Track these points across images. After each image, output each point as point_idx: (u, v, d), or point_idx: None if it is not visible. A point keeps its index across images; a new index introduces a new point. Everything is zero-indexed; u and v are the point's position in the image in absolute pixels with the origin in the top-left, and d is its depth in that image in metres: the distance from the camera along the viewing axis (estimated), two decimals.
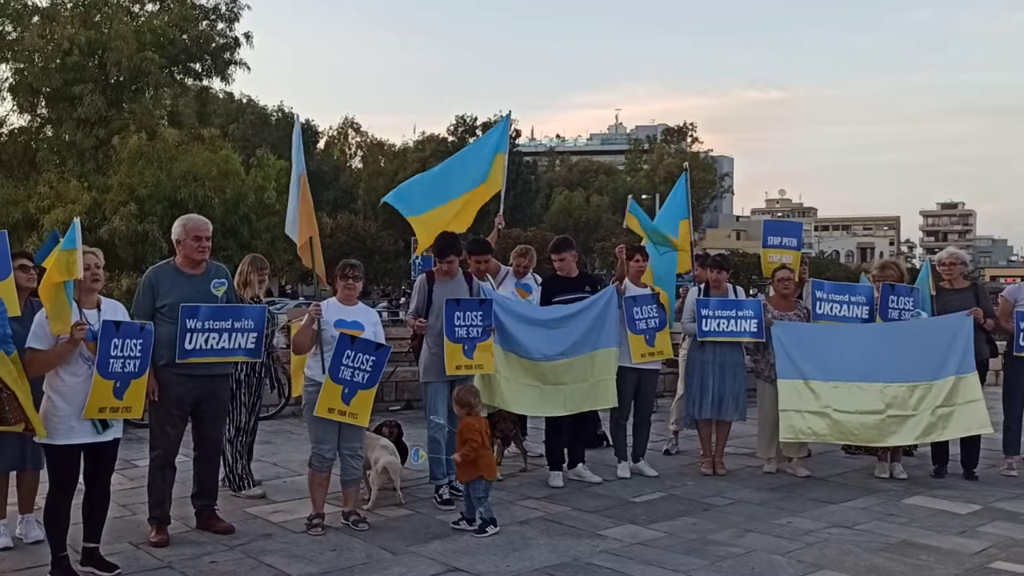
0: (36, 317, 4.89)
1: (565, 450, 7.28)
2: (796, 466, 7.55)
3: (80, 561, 4.96)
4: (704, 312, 7.43)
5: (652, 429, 7.77)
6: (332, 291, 6.18)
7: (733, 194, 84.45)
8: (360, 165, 62.96)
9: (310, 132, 56.81)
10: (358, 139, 65.16)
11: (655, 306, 7.45)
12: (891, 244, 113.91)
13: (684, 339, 8.10)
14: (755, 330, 7.46)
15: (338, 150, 62.58)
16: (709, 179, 69.40)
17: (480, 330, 6.52)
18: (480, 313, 6.53)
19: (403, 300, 45.36)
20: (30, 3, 28.40)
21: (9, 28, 28.29)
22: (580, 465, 7.32)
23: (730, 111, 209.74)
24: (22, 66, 26.89)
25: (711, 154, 75.44)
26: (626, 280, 7.43)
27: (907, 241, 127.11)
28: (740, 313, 7.47)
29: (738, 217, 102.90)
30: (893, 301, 7.47)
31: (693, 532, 5.88)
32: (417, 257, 33.05)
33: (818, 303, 7.60)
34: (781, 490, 7.05)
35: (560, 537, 5.75)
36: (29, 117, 28.43)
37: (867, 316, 7.58)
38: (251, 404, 6.71)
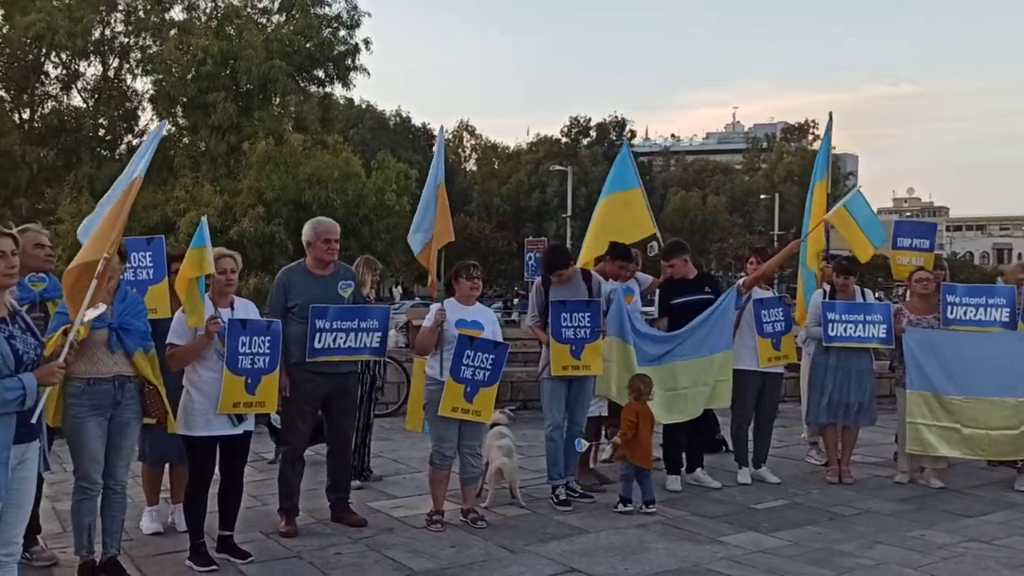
0: (175, 315, 5.17)
1: (683, 454, 7.18)
2: (929, 477, 7.21)
3: (216, 548, 5.21)
4: (831, 316, 7.17)
5: (773, 434, 7.59)
6: (447, 292, 6.28)
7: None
8: (474, 167, 63.73)
9: (426, 136, 57.86)
10: (473, 142, 65.98)
11: (781, 309, 7.27)
12: None
13: (806, 343, 7.84)
14: (884, 336, 7.17)
15: (453, 153, 63.51)
16: (832, 178, 67.02)
17: (588, 331, 6.47)
18: (588, 314, 6.48)
19: (516, 301, 45.75)
20: (167, 17, 30.05)
21: (149, 42, 30.02)
22: (699, 470, 7.21)
23: (855, 107, 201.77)
24: (161, 77, 28.46)
25: (834, 152, 72.74)
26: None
27: None
28: (868, 318, 7.18)
29: None
30: None
31: (818, 542, 5.70)
32: (531, 258, 33.00)
33: (949, 308, 7.20)
34: (913, 501, 6.75)
35: (679, 542, 5.68)
36: (168, 126, 30.09)
37: (1007, 320, 7.16)
38: (362, 401, 6.89)
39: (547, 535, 5.80)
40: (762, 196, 60.28)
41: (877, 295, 10.87)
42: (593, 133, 60.21)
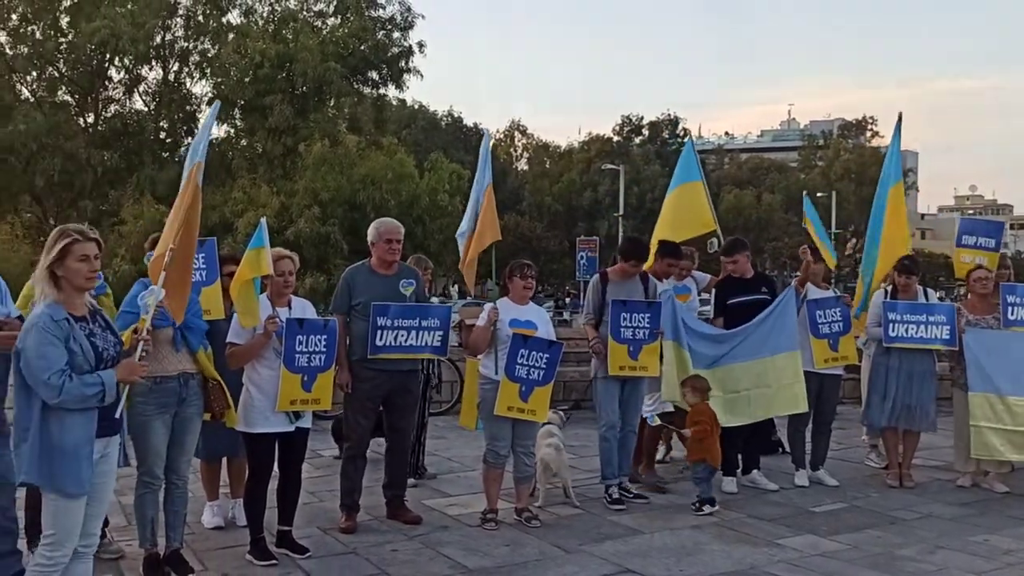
0: (234, 315, 5.27)
1: (739, 455, 7.11)
2: (993, 481, 7.03)
3: (275, 543, 5.30)
4: (891, 316, 7.02)
5: (831, 436, 7.46)
6: (500, 291, 6.29)
7: (918, 191, 79.31)
8: (526, 167, 63.74)
9: (477, 136, 58.02)
10: (524, 141, 65.98)
11: (839, 309, 7.13)
12: None
13: (867, 344, 7.69)
14: (947, 337, 7.00)
15: (504, 152, 63.68)
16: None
17: (647, 332, 6.43)
18: (648, 315, 6.45)
19: (568, 300, 45.63)
20: (225, 21, 30.62)
21: (208, 45, 30.62)
22: (755, 471, 7.12)
23: (915, 103, 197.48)
24: (219, 80, 29.03)
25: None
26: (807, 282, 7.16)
27: None
28: (931, 318, 7.02)
29: (923, 215, 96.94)
30: None
31: (878, 546, 5.59)
32: (582, 257, 32.94)
33: (1010, 308, 7.03)
34: (976, 506, 6.59)
35: (735, 544, 5.62)
36: (226, 128, 30.68)
37: None
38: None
39: (601, 535, 5.79)
40: (818, 194, 59.15)
41: (938, 295, 10.62)
42: (645, 131, 59.79)
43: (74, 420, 3.62)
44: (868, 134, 67.79)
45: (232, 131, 31.28)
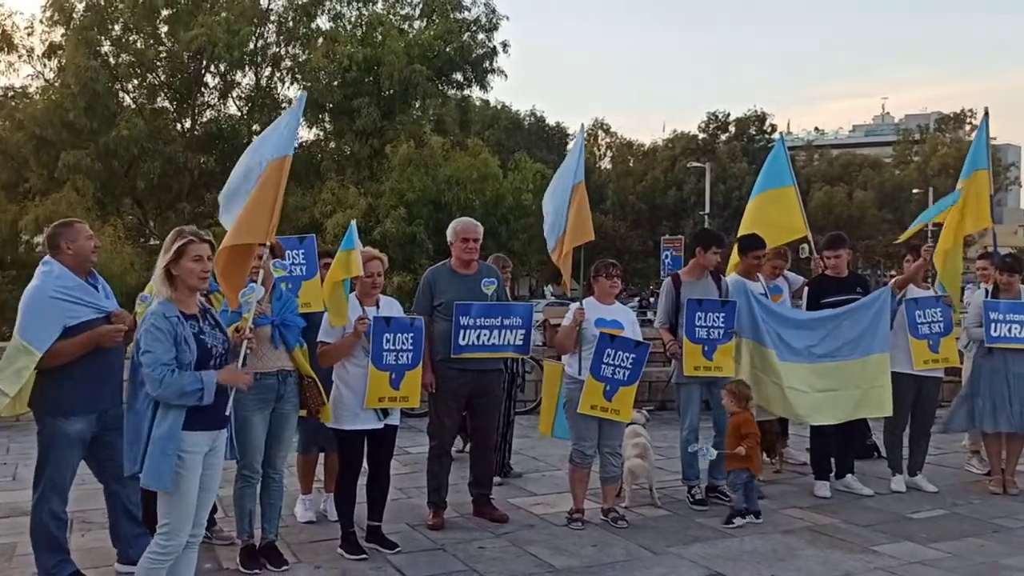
0: (325, 314, 5.39)
1: (832, 459, 6.93)
2: None
3: (365, 538, 5.41)
4: (993, 316, 6.76)
5: (931, 441, 7.20)
6: (584, 291, 6.27)
7: (1020, 186, 75.94)
8: (609, 166, 63.36)
9: (560, 135, 57.94)
10: (607, 140, 65.55)
11: (940, 309, 6.88)
12: None
13: (968, 347, 7.40)
14: None
15: (588, 152, 63.36)
16: (993, 170, 62.70)
17: (721, 332, 6.34)
18: (723, 315, 6.35)
19: (652, 300, 45.22)
20: (315, 27, 31.36)
21: (299, 51, 31.40)
22: (849, 476, 6.93)
23: (1018, 95, 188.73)
24: (309, 84, 29.76)
25: (994, 142, 68.00)
26: None
27: None
28: None
29: None
30: None
31: (981, 555, 5.38)
32: (667, 257, 32.51)
33: None
34: None
35: (829, 550, 5.48)
36: (315, 131, 31.41)
37: None
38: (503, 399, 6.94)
39: (689, 537, 5.73)
40: (914, 191, 57.26)
41: None
42: (732, 128, 58.72)
43: (165, 414, 3.77)
44: (967, 127, 65.08)
45: (321, 134, 32.03)
